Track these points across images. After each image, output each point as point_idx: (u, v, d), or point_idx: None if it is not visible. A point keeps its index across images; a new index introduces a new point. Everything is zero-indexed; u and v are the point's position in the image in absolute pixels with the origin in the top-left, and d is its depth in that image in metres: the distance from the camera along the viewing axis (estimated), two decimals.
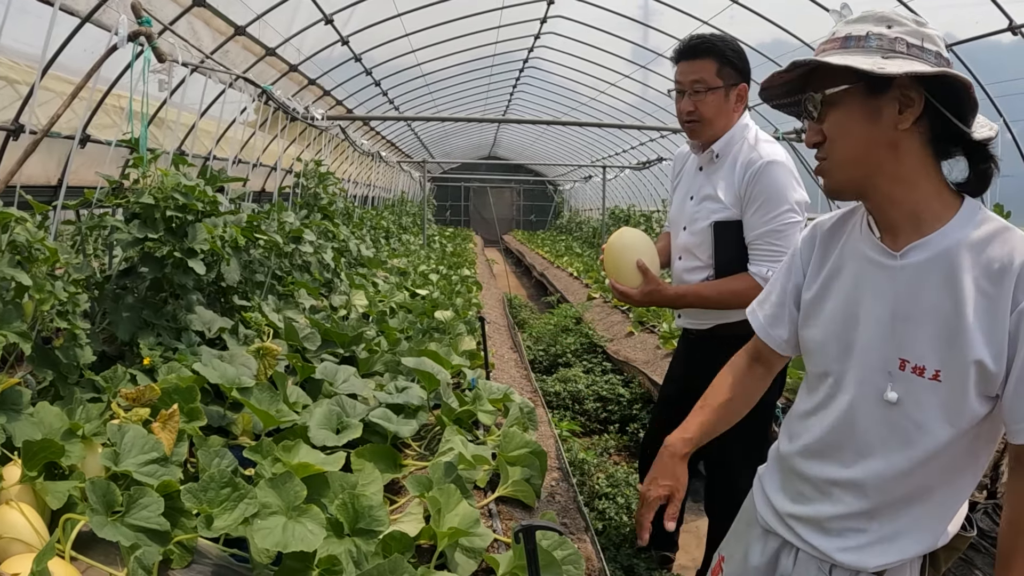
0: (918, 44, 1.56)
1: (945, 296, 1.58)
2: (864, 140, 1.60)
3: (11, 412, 2.22)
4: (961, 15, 7.17)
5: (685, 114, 3.11)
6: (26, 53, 4.97)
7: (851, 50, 1.59)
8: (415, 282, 7.73)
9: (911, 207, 1.62)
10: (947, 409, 1.59)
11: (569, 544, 2.29)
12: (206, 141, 7.75)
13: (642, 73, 13.55)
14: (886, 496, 1.70)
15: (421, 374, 3.44)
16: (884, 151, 1.60)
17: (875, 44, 1.57)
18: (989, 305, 1.53)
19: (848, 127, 1.61)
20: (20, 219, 2.54)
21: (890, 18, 1.59)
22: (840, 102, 1.61)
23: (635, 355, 7.42)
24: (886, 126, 1.58)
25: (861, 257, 1.73)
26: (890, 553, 1.71)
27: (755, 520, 2.01)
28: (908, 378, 1.63)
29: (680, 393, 3.55)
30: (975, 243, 1.57)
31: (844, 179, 1.66)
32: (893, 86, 1.54)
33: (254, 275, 4.52)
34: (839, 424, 1.76)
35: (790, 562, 1.88)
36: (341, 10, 8.59)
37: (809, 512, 1.82)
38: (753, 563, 1.98)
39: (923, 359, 1.61)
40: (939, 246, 1.60)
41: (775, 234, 2.97)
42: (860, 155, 1.62)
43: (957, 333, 1.56)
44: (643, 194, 21.97)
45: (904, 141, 1.58)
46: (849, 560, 1.74)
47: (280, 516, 2.09)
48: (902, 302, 1.64)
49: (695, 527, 4.72)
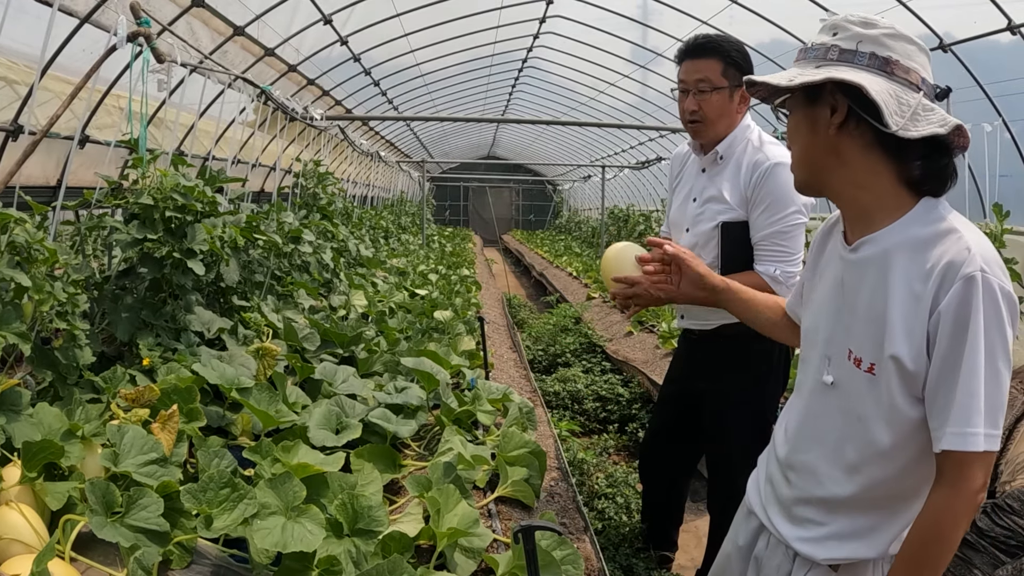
0: (851, 48, 1.63)
1: (879, 292, 1.64)
2: (807, 144, 1.72)
3: (10, 413, 2.22)
4: (960, 15, 7.16)
5: (688, 113, 3.10)
6: (25, 53, 4.97)
7: (800, 62, 1.71)
8: (414, 282, 7.74)
9: (863, 206, 1.69)
10: (880, 405, 1.65)
11: (568, 544, 2.30)
12: (205, 141, 7.75)
13: (641, 73, 13.54)
14: (840, 488, 1.76)
15: (420, 374, 3.45)
16: (825, 154, 1.69)
17: (813, 55, 1.68)
18: (915, 305, 1.57)
19: (795, 133, 1.75)
20: (19, 220, 2.54)
21: (837, 25, 1.67)
22: (792, 110, 1.74)
23: (634, 355, 7.43)
24: (823, 131, 1.67)
25: (834, 251, 1.83)
26: (840, 550, 1.77)
27: (746, 501, 2.11)
28: (850, 368, 1.71)
29: (680, 394, 3.55)
30: (917, 243, 1.60)
31: (800, 179, 1.80)
32: (824, 93, 1.64)
33: (253, 275, 4.52)
34: (801, 408, 1.88)
35: (764, 544, 1.98)
36: (340, 10, 8.58)
37: (778, 495, 1.92)
38: (739, 542, 2.09)
39: (862, 351, 1.68)
40: (883, 244, 1.65)
41: (782, 235, 2.98)
42: (806, 157, 1.74)
43: (883, 329, 1.61)
44: (642, 194, 21.96)
45: (843, 145, 1.66)
46: (804, 550, 1.82)
47: (279, 516, 2.10)
48: (849, 294, 1.72)
49: (694, 527, 4.73)
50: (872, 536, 1.74)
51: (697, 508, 4.92)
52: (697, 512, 4.89)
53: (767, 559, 1.94)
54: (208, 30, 6.92)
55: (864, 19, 1.64)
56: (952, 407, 1.52)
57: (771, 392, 3.25)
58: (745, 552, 2.04)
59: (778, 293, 2.99)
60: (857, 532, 1.75)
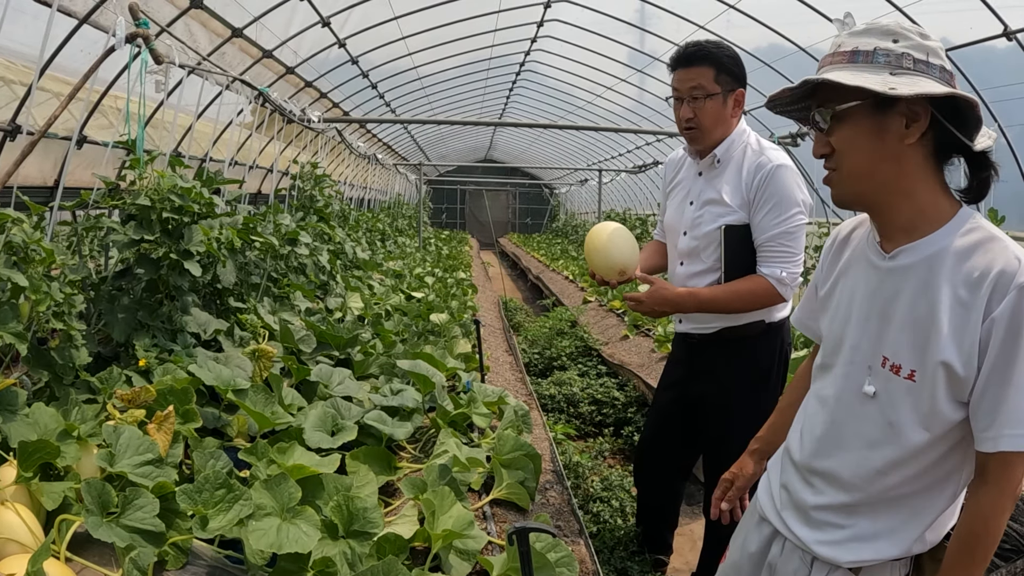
0: (924, 59, 1.59)
1: (923, 300, 1.63)
2: (871, 155, 1.63)
3: (6, 413, 2.23)
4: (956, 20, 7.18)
5: (684, 121, 3.12)
6: (23, 53, 4.97)
7: (859, 65, 1.62)
8: (411, 285, 7.74)
9: (909, 215, 1.66)
10: (919, 411, 1.64)
11: (563, 546, 2.30)
12: (203, 143, 7.75)
13: (638, 77, 13.56)
14: (863, 493, 1.75)
15: (416, 377, 3.45)
16: (888, 165, 1.63)
17: (883, 60, 1.60)
18: (963, 312, 1.57)
19: (856, 142, 1.64)
20: (16, 220, 2.55)
21: (896, 32, 1.62)
22: (849, 117, 1.64)
23: (630, 358, 7.43)
24: (892, 141, 1.61)
25: (862, 258, 1.80)
26: (864, 552, 1.76)
27: (755, 509, 2.08)
28: (886, 375, 1.69)
29: (675, 401, 3.54)
30: (960, 251, 1.60)
31: (852, 192, 1.71)
32: (900, 102, 1.56)
33: (250, 277, 4.52)
34: (826, 415, 1.84)
35: (779, 550, 1.95)
36: (338, 12, 8.58)
37: (795, 500, 1.89)
38: (750, 549, 2.05)
39: (900, 358, 1.66)
40: (925, 251, 1.64)
41: (787, 236, 3.01)
42: (868, 169, 1.65)
43: (930, 337, 1.60)
44: (639, 198, 21.99)
45: (908, 154, 1.62)
46: (825, 553, 1.80)
47: (275, 518, 2.10)
48: (887, 302, 1.70)
49: (689, 530, 4.73)
50: (894, 536, 1.73)
51: (692, 511, 4.92)
52: (692, 515, 4.89)
53: (782, 565, 1.93)
54: (206, 32, 6.92)
55: (918, 28, 1.62)
56: (1005, 410, 1.54)
57: (771, 395, 3.26)
58: (758, 559, 2.02)
59: (783, 295, 3.01)
60: (879, 533, 1.74)
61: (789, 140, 9.10)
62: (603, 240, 3.11)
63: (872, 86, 1.54)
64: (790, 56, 9.17)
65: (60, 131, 5.28)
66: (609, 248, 3.09)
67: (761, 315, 3.17)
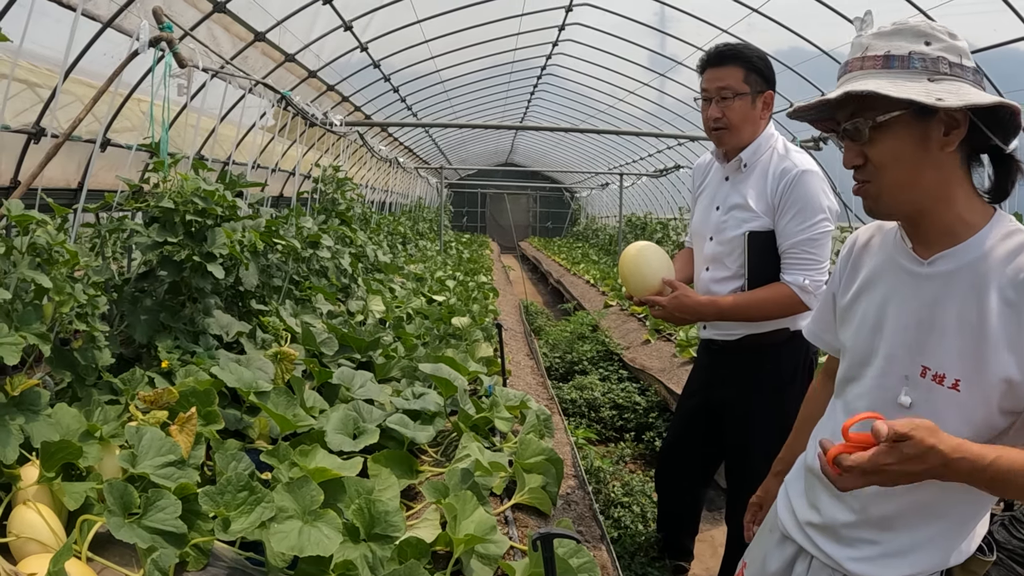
0: (958, 62, 1.55)
1: (970, 306, 1.57)
2: (915, 165, 1.58)
3: (29, 413, 2.23)
4: (980, 23, 7.12)
5: (712, 121, 3.09)
6: (48, 57, 5.01)
7: (895, 71, 1.56)
8: (432, 288, 7.74)
9: (949, 221, 1.61)
10: (971, 422, 1.58)
11: (585, 552, 2.28)
12: (225, 146, 7.79)
13: (659, 81, 13.53)
14: (899, 507, 1.69)
15: (438, 380, 3.44)
16: (932, 173, 1.58)
17: (919, 65, 1.55)
18: (1013, 315, 1.52)
19: (899, 153, 1.58)
20: (41, 222, 2.55)
21: (927, 33, 1.57)
22: (889, 127, 1.57)
23: (651, 363, 7.40)
24: (934, 149, 1.56)
25: (893, 265, 1.74)
26: (901, 567, 1.70)
27: (775, 526, 2.02)
28: (927, 385, 1.62)
29: (699, 408, 3.51)
30: (1003, 254, 1.56)
31: (896, 203, 1.64)
32: (940, 109, 1.51)
33: (272, 279, 4.53)
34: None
35: (804, 569, 1.89)
36: (360, 17, 8.62)
37: (824, 519, 1.83)
38: (770, 569, 1.99)
39: (944, 367, 1.60)
40: (967, 256, 1.59)
41: (811, 242, 2.95)
42: (911, 180, 1.59)
43: (981, 344, 1.55)
44: (660, 202, 21.94)
45: (947, 161, 1.57)
46: (860, 570, 1.75)
47: (296, 520, 2.10)
48: (927, 310, 1.64)
49: (710, 536, 4.70)
50: (930, 549, 1.69)
51: (712, 517, 4.89)
52: (713, 521, 4.86)
53: None
54: (229, 36, 6.96)
55: (946, 28, 1.58)
56: None
57: (795, 403, 3.22)
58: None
59: (807, 303, 2.95)
60: (915, 546, 1.69)
61: (812, 144, 9.03)
62: (636, 262, 3.10)
63: (919, 97, 1.48)
64: (812, 59, 9.11)
65: (84, 134, 5.32)
66: (644, 269, 3.08)
67: (785, 323, 3.13)
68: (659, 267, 3.08)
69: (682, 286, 3.08)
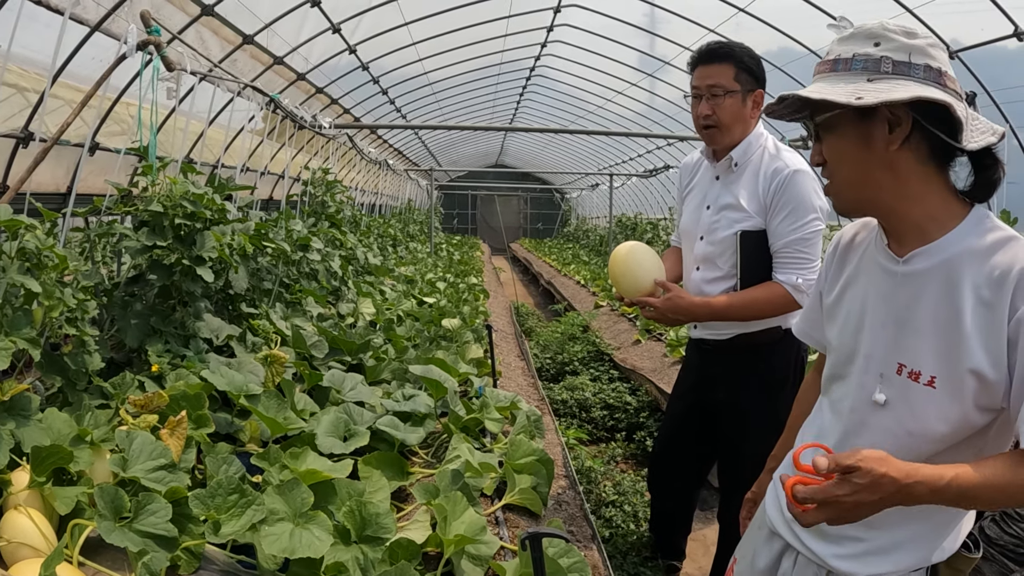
0: (905, 60, 1.56)
1: (945, 304, 1.59)
2: (860, 163, 1.62)
3: (20, 418, 2.23)
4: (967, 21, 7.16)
5: (702, 118, 3.08)
6: (36, 61, 4.99)
7: (839, 74, 1.61)
8: (422, 290, 7.75)
9: (917, 219, 1.64)
10: (942, 418, 1.60)
11: (575, 552, 2.29)
12: (214, 149, 7.78)
13: (649, 81, 13.56)
14: None
15: (428, 382, 3.45)
16: (881, 172, 1.61)
17: (860, 66, 1.59)
18: (988, 313, 1.54)
19: (843, 152, 1.64)
20: (30, 226, 2.55)
21: (878, 34, 1.59)
22: (834, 127, 1.63)
23: (642, 363, 7.42)
24: (879, 148, 1.59)
25: (873, 263, 1.76)
26: (884, 564, 1.73)
27: (764, 523, 2.04)
28: (903, 383, 1.65)
29: (690, 407, 3.52)
30: (978, 251, 1.57)
31: (849, 200, 1.70)
32: (881, 108, 1.54)
33: (262, 283, 4.53)
34: (840, 427, 1.79)
35: (790, 565, 1.92)
36: (348, 19, 8.61)
37: None
38: (759, 565, 2.01)
39: (920, 364, 1.62)
40: (942, 254, 1.61)
41: (803, 242, 2.97)
42: (859, 178, 1.64)
43: (955, 341, 1.57)
44: (650, 202, 21.97)
45: (900, 160, 1.59)
46: (843, 567, 1.77)
47: (287, 523, 2.10)
48: (903, 307, 1.66)
49: (702, 536, 4.71)
50: (913, 546, 1.70)
51: (705, 516, 4.90)
52: (705, 520, 4.87)
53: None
54: (217, 39, 6.95)
55: (904, 28, 1.58)
56: None
57: (787, 401, 3.23)
58: (769, 573, 1.99)
59: (799, 302, 2.96)
60: (899, 544, 1.71)
61: (800, 143, 9.07)
62: (626, 263, 3.09)
63: (837, 98, 1.53)
64: (801, 59, 9.15)
65: (72, 138, 5.30)
66: (635, 270, 3.08)
67: (777, 321, 3.14)
68: (650, 268, 3.08)
69: (675, 287, 3.08)
